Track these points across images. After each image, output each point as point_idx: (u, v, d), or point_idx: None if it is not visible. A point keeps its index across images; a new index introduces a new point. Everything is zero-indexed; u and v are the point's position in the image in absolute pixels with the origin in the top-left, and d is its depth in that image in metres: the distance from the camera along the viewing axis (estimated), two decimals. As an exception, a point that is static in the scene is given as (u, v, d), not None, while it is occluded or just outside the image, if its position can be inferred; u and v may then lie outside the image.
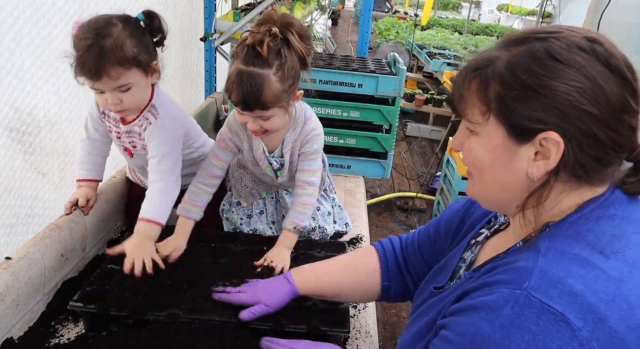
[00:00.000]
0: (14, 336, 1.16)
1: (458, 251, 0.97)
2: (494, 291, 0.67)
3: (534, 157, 0.70)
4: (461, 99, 0.76)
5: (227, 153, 1.53)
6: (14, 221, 1.92)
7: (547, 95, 0.67)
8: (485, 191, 0.79)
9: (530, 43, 0.70)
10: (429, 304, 0.88)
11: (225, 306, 1.22)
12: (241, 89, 1.22)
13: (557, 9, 8.99)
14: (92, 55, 1.23)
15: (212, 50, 3.33)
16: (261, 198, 1.68)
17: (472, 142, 0.77)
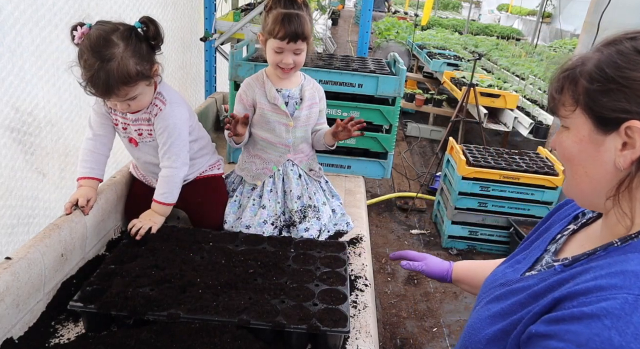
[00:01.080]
0: (14, 336, 1.16)
1: (542, 243, 0.99)
2: (611, 296, 0.65)
3: (621, 148, 0.72)
4: (556, 96, 0.80)
5: (246, 108, 1.74)
6: (15, 221, 1.92)
7: (629, 86, 0.70)
8: (576, 184, 0.81)
9: (621, 43, 0.73)
10: (511, 289, 0.89)
11: (226, 306, 1.22)
12: (292, 25, 1.53)
13: (557, 9, 8.99)
14: (101, 81, 1.35)
15: (212, 50, 3.33)
16: (271, 176, 1.77)
17: (563, 136, 0.81)
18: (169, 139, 1.57)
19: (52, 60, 2.00)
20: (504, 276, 1.00)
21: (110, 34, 1.36)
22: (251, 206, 1.74)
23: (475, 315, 0.94)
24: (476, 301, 1.05)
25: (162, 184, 1.60)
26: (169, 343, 1.10)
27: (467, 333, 0.94)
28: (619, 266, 0.70)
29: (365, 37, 3.06)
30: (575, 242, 0.92)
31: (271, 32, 1.56)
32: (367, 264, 1.66)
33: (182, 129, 1.59)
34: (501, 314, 0.85)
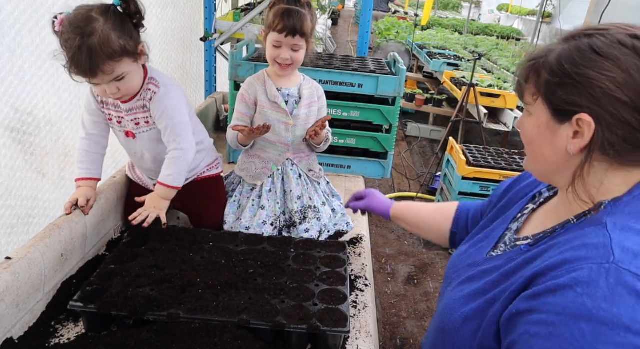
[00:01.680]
0: (14, 336, 1.16)
1: (503, 222, 1.08)
2: (578, 267, 0.72)
3: (572, 136, 0.81)
4: (522, 86, 0.90)
5: (249, 107, 1.74)
6: (15, 222, 1.92)
7: (582, 82, 0.77)
8: (534, 162, 0.92)
9: (580, 39, 0.81)
10: (482, 270, 0.97)
11: (226, 306, 1.22)
12: (291, 19, 1.57)
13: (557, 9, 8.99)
14: (83, 56, 1.29)
15: (212, 50, 3.33)
16: (270, 176, 1.77)
17: (525, 120, 0.91)
18: (170, 121, 1.53)
19: (51, 61, 1.99)
20: (469, 257, 1.08)
21: (89, 12, 1.33)
22: (250, 207, 1.74)
23: (448, 296, 1.00)
24: (444, 283, 1.12)
25: (168, 165, 1.55)
26: (169, 343, 1.10)
27: (441, 314, 0.99)
28: (579, 240, 0.78)
29: (365, 37, 3.06)
30: (534, 220, 1.00)
31: (271, 25, 1.59)
32: (367, 264, 1.66)
33: (181, 109, 1.56)
34: (474, 293, 0.93)
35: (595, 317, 0.68)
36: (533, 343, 0.73)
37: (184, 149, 1.55)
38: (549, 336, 0.71)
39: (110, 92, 1.42)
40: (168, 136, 1.55)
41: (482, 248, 1.05)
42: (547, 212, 0.98)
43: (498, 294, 0.86)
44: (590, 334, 0.68)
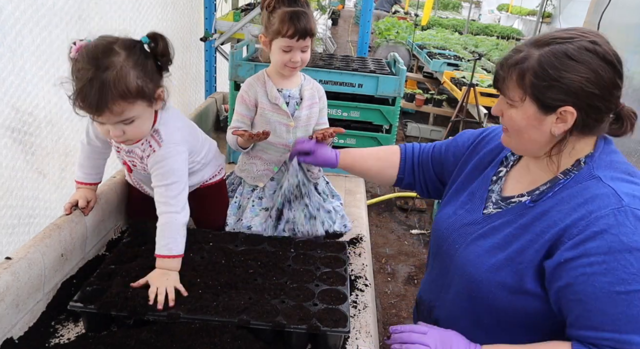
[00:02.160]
0: (14, 336, 1.16)
1: (482, 184, 1.28)
2: (603, 214, 0.96)
3: (555, 121, 1.03)
4: (504, 83, 1.07)
5: (249, 108, 1.72)
6: (15, 222, 1.92)
7: (566, 83, 0.99)
8: (521, 144, 1.12)
9: (553, 45, 1.01)
10: (492, 227, 1.16)
11: (226, 306, 1.22)
12: (301, 22, 1.53)
13: (557, 9, 8.98)
14: (93, 90, 1.16)
15: (212, 50, 3.33)
16: (273, 179, 1.76)
17: (512, 113, 1.08)
18: (164, 181, 1.38)
19: (52, 61, 2.00)
20: (462, 217, 1.26)
21: (112, 44, 1.21)
22: (251, 207, 1.74)
23: (466, 253, 1.18)
24: (441, 242, 1.29)
25: (162, 234, 1.34)
26: (169, 343, 1.10)
27: (467, 269, 1.15)
28: (587, 192, 1.02)
29: (365, 37, 3.06)
30: (511, 180, 1.23)
31: (279, 32, 1.55)
32: (367, 264, 1.66)
33: (180, 172, 1.41)
34: (497, 246, 1.12)
35: (633, 247, 0.92)
36: (594, 280, 0.94)
37: (176, 213, 1.38)
38: (605, 272, 0.93)
39: (114, 134, 1.28)
40: (159, 197, 1.38)
41: (472, 209, 1.25)
42: (520, 172, 1.21)
43: (525, 244, 1.06)
44: (635, 260, 0.92)
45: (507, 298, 1.09)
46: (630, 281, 0.91)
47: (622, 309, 0.92)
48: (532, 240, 1.06)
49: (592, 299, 0.95)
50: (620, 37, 3.05)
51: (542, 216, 1.06)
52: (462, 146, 1.41)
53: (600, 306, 0.94)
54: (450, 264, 1.24)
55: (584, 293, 0.96)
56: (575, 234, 0.98)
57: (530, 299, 1.07)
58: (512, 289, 1.08)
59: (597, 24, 3.17)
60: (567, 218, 1.01)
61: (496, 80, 1.09)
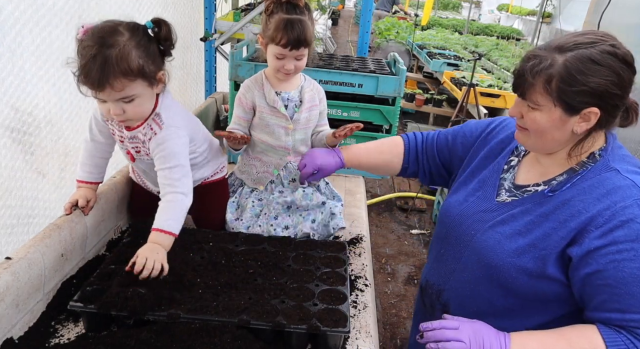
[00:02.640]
0: (14, 336, 1.16)
1: (494, 173, 1.32)
2: (627, 204, 1.03)
3: (578, 121, 1.08)
4: (530, 87, 1.10)
5: (245, 111, 1.70)
6: (15, 222, 1.92)
7: (592, 87, 1.04)
8: (541, 143, 1.16)
9: (577, 50, 1.05)
10: (511, 214, 1.20)
11: (226, 306, 1.22)
12: (294, 31, 1.49)
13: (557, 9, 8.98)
14: (96, 66, 1.21)
15: (212, 50, 3.33)
16: (272, 181, 1.75)
17: (535, 115, 1.12)
18: (166, 163, 1.42)
19: (52, 61, 2.00)
20: (474, 204, 1.30)
21: (117, 25, 1.27)
22: (251, 208, 1.73)
23: (483, 239, 1.22)
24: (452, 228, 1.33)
25: (165, 210, 1.37)
26: (169, 343, 1.10)
27: (486, 254, 1.20)
28: (608, 184, 1.08)
29: (365, 37, 3.06)
30: (522, 170, 1.28)
31: (273, 39, 1.52)
32: (367, 264, 1.66)
33: (181, 155, 1.44)
34: (519, 232, 1.17)
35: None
36: (623, 266, 1.01)
37: (184, 193, 1.41)
38: (634, 258, 1.00)
39: (114, 112, 1.32)
40: (164, 179, 1.41)
41: (483, 196, 1.30)
42: (532, 163, 1.26)
43: (548, 231, 1.12)
44: None
45: (528, 283, 1.14)
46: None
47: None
48: (556, 227, 1.11)
49: (621, 284, 1.01)
50: (620, 37, 3.04)
51: (564, 205, 1.11)
52: (470, 137, 1.46)
53: (629, 289, 1.00)
54: (464, 250, 1.28)
55: (614, 278, 1.01)
56: (602, 223, 1.04)
57: (550, 284, 1.12)
58: (534, 274, 1.13)
59: (597, 24, 3.17)
60: (592, 208, 1.06)
61: (519, 86, 1.12)
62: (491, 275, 1.20)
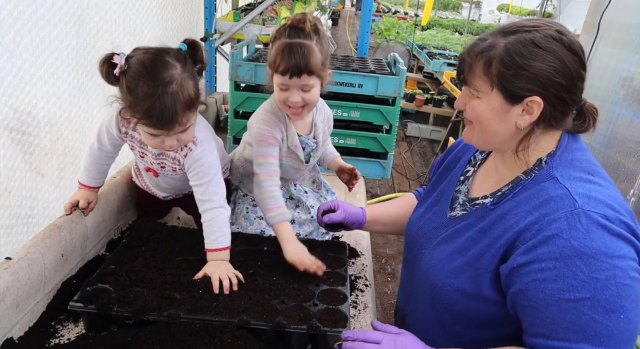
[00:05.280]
0: (14, 336, 1.15)
1: (450, 185, 1.25)
2: (555, 218, 0.92)
3: (521, 113, 1.00)
4: (470, 71, 1.03)
5: (275, 148, 1.54)
6: (14, 222, 1.92)
7: (533, 72, 0.96)
8: (485, 137, 1.07)
9: (520, 34, 0.98)
10: (455, 230, 1.13)
11: (226, 306, 1.22)
12: (293, 57, 1.34)
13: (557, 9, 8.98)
14: (166, 107, 1.19)
15: (213, 51, 3.33)
16: None
17: (475, 103, 1.04)
18: (205, 178, 1.43)
19: (51, 60, 2.00)
20: (430, 220, 1.24)
21: (164, 56, 1.23)
22: (245, 214, 1.70)
23: (430, 258, 1.16)
24: (410, 247, 1.27)
25: (211, 229, 1.40)
26: (169, 343, 1.10)
27: (429, 274, 1.14)
28: (543, 194, 0.98)
29: (365, 37, 3.06)
30: (478, 180, 1.20)
31: (272, 66, 1.40)
32: (367, 264, 1.66)
33: (217, 167, 1.46)
34: (458, 251, 1.09)
35: (583, 253, 0.88)
36: (544, 287, 0.91)
37: (223, 206, 1.44)
38: (556, 278, 0.90)
39: (169, 144, 1.30)
40: (202, 195, 1.43)
41: (439, 211, 1.23)
42: (488, 172, 1.18)
43: (483, 249, 1.03)
44: (585, 267, 0.88)
45: (467, 304, 1.06)
46: (580, 288, 0.88)
47: (571, 317, 0.89)
48: (490, 244, 1.03)
49: (542, 306, 0.92)
50: (620, 37, 3.05)
51: (501, 219, 1.03)
52: (436, 162, 1.40)
53: (550, 313, 0.91)
54: (417, 270, 1.22)
55: (535, 300, 0.92)
56: (529, 239, 0.94)
57: (488, 305, 1.03)
58: (471, 295, 1.05)
59: (597, 24, 3.17)
60: (522, 222, 0.98)
61: (460, 70, 1.05)
62: (434, 297, 1.12)
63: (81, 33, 1.25)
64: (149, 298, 1.21)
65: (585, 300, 0.88)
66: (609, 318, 0.87)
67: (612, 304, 0.87)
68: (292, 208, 1.73)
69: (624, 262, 0.88)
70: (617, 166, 2.84)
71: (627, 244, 0.90)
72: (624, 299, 0.87)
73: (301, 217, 1.71)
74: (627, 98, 2.86)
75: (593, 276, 0.87)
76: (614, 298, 0.87)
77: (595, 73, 3.21)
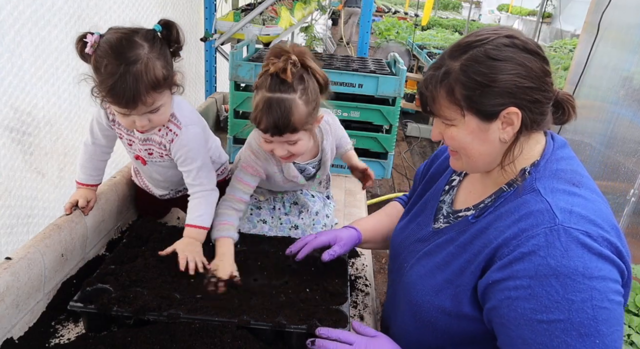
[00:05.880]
0: (14, 336, 1.15)
1: (433, 195, 1.22)
2: (534, 234, 0.89)
3: (501, 127, 0.96)
4: (434, 103, 0.99)
5: (254, 178, 1.53)
6: (14, 222, 1.92)
7: (499, 85, 0.93)
8: (472, 162, 1.03)
9: (471, 51, 0.95)
10: (436, 244, 1.10)
11: (225, 306, 1.22)
12: (272, 115, 1.25)
13: (557, 9, 8.99)
14: (126, 85, 1.18)
15: (212, 51, 3.33)
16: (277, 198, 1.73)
17: (452, 131, 1.00)
18: (193, 164, 1.44)
19: (51, 60, 2.00)
20: (413, 232, 1.20)
21: (133, 36, 1.22)
22: (249, 216, 1.68)
23: (411, 273, 1.13)
24: (394, 260, 1.25)
25: (197, 206, 1.43)
26: (169, 343, 1.10)
27: (409, 291, 1.11)
28: (523, 208, 0.94)
29: (365, 37, 3.06)
30: (463, 191, 1.16)
31: (253, 120, 1.31)
32: (367, 265, 1.66)
33: (203, 150, 1.47)
34: (438, 266, 1.06)
35: (560, 273, 0.84)
36: (517, 305, 0.88)
37: (213, 189, 1.47)
38: (529, 297, 0.86)
39: (141, 124, 1.31)
40: (192, 180, 1.45)
41: (422, 223, 1.20)
42: (473, 183, 1.14)
43: (464, 265, 1.01)
44: (560, 287, 0.84)
45: (448, 322, 1.03)
46: (553, 309, 0.84)
47: (542, 339, 0.85)
48: (469, 261, 0.99)
49: (514, 325, 0.88)
50: (620, 37, 3.05)
51: (481, 233, 0.99)
52: (420, 170, 1.38)
53: (522, 333, 0.87)
54: (398, 284, 1.20)
55: (507, 318, 0.89)
56: (505, 255, 0.91)
57: (469, 323, 1.00)
58: (452, 313, 1.02)
59: (597, 24, 3.17)
60: (501, 236, 0.94)
61: (424, 104, 1.02)
62: (415, 313, 1.10)
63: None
64: (149, 298, 1.21)
65: (558, 322, 0.84)
66: (582, 342, 0.82)
67: (587, 328, 0.82)
68: (296, 214, 1.73)
69: (603, 284, 0.84)
70: (617, 166, 2.84)
71: (609, 264, 0.86)
72: (601, 323, 0.83)
73: (304, 223, 1.71)
74: (627, 98, 2.86)
75: (568, 297, 0.83)
76: (589, 322, 0.82)
77: (595, 73, 3.21)
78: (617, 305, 0.85)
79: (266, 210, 1.70)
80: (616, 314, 0.85)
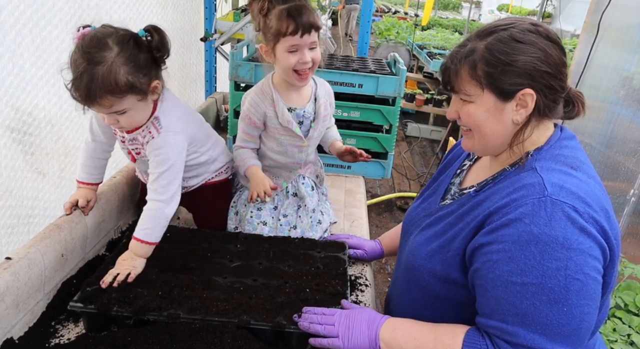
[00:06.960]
0: (14, 336, 1.16)
1: (446, 178, 1.30)
2: (522, 203, 0.93)
3: (515, 108, 1.02)
4: (457, 77, 1.05)
5: (255, 128, 1.64)
6: (15, 222, 1.92)
7: (519, 66, 0.98)
8: (485, 141, 1.08)
9: (497, 33, 1.01)
10: (438, 216, 1.17)
11: (225, 307, 1.22)
12: (300, 16, 1.40)
13: (557, 9, 8.99)
14: (83, 84, 1.20)
15: (212, 51, 3.33)
16: (280, 192, 1.72)
17: (470, 108, 1.05)
18: (158, 169, 1.40)
19: (52, 61, 2.00)
20: (424, 209, 1.28)
21: (107, 37, 1.23)
22: (249, 219, 1.69)
23: (411, 242, 1.21)
24: (403, 236, 1.33)
25: (146, 219, 1.38)
26: (169, 343, 1.10)
27: (408, 257, 1.19)
28: (519, 182, 0.99)
29: (365, 37, 3.06)
30: (472, 174, 1.23)
31: (279, 31, 1.41)
32: (367, 264, 1.66)
33: (175, 161, 1.42)
34: (436, 234, 1.14)
35: (540, 240, 0.89)
36: (496, 267, 0.93)
37: (164, 201, 1.40)
38: (508, 260, 0.92)
39: (109, 122, 1.35)
40: (151, 183, 1.41)
41: (433, 201, 1.27)
42: (482, 166, 1.21)
43: (457, 232, 1.07)
44: (538, 253, 0.89)
45: (439, 286, 1.09)
46: (528, 272, 0.89)
47: (513, 300, 0.90)
48: (463, 228, 1.06)
49: (490, 286, 0.94)
50: (620, 37, 3.05)
51: (478, 205, 1.05)
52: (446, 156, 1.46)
53: (496, 293, 0.93)
54: (402, 255, 1.28)
55: (486, 279, 0.95)
56: (494, 221, 0.96)
57: (457, 289, 1.06)
58: (442, 278, 1.08)
59: (597, 24, 3.16)
60: (493, 206, 1.00)
61: (446, 79, 1.07)
62: (410, 278, 1.18)
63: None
64: (149, 298, 1.22)
65: (530, 285, 0.89)
66: (550, 307, 0.87)
67: (557, 295, 0.87)
68: (294, 209, 1.73)
69: (581, 257, 0.87)
70: (617, 166, 2.84)
71: (591, 241, 0.89)
72: (572, 293, 0.87)
73: (302, 221, 1.71)
74: (627, 98, 2.86)
75: (544, 263, 0.88)
76: (560, 289, 0.87)
77: (595, 73, 3.21)
78: (592, 281, 0.89)
79: (267, 211, 1.70)
80: (589, 289, 0.88)
